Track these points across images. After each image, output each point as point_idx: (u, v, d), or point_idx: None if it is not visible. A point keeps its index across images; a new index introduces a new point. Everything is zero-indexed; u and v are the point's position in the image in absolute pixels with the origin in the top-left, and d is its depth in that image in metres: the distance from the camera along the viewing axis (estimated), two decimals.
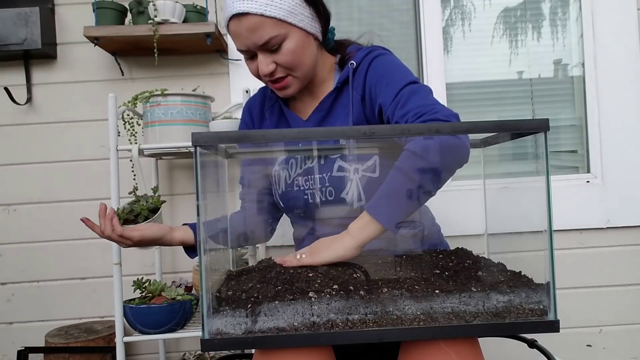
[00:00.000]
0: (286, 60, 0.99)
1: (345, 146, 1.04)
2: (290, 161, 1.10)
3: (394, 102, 0.95)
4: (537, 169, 0.75)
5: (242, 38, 0.97)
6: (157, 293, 1.34)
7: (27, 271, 1.80)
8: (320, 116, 1.08)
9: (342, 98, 1.07)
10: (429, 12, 1.83)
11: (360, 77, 1.04)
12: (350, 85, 1.05)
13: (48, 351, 1.60)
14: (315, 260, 0.84)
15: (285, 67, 1.00)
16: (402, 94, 0.95)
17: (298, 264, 0.84)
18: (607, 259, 1.80)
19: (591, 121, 1.81)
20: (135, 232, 1.10)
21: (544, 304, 0.73)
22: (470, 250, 0.98)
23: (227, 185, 1.10)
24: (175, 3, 1.58)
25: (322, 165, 1.05)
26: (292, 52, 0.99)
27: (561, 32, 1.90)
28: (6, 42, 1.67)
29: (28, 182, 1.79)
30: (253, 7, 0.94)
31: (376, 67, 1.03)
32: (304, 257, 0.85)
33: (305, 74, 1.04)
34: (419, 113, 0.90)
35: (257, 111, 1.20)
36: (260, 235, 1.30)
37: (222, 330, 0.70)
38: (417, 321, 0.71)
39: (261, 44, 0.96)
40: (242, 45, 0.99)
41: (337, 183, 1.02)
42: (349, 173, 1.02)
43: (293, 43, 0.98)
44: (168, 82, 1.76)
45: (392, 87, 0.97)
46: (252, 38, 0.96)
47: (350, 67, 1.05)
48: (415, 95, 0.94)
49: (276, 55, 0.99)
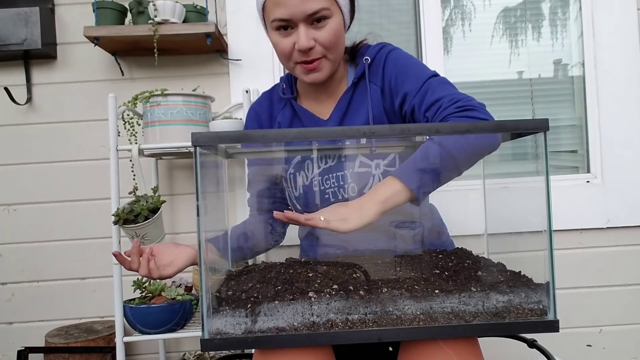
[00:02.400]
0: (327, 38, 0.97)
1: (367, 146, 1.04)
2: (306, 162, 1.09)
3: (422, 90, 0.97)
4: (537, 169, 0.75)
5: (290, 5, 0.93)
6: (157, 293, 1.34)
7: (27, 271, 1.80)
8: (340, 114, 1.08)
9: (359, 94, 1.07)
10: (429, 12, 1.83)
11: (378, 70, 1.05)
12: (367, 80, 1.05)
13: (48, 351, 1.60)
14: (344, 227, 0.78)
15: (324, 45, 0.98)
16: (429, 83, 0.97)
17: (325, 226, 0.77)
18: (607, 259, 1.80)
19: (591, 121, 1.81)
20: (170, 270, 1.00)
21: (543, 304, 0.73)
22: (470, 250, 0.98)
23: (227, 185, 1.10)
24: (175, 3, 1.58)
25: (343, 162, 1.05)
26: (335, 32, 0.98)
27: (561, 32, 1.90)
28: (6, 42, 1.67)
29: (28, 182, 1.79)
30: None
31: (395, 60, 1.04)
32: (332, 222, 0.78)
33: (337, 58, 1.03)
34: (454, 99, 0.91)
35: (265, 114, 1.17)
36: (270, 243, 1.28)
37: (222, 330, 0.70)
38: (417, 321, 0.71)
39: (310, 12, 0.94)
40: (287, 13, 0.94)
41: (359, 179, 1.03)
42: (370, 169, 1.02)
43: (336, 23, 0.98)
44: (168, 82, 1.76)
45: (418, 77, 0.99)
46: (303, 6, 0.93)
47: (365, 62, 1.06)
48: (443, 85, 0.97)
49: (318, 31, 0.97)
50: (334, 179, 1.05)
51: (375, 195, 0.82)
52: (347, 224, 0.78)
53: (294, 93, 1.14)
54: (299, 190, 1.10)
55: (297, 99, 1.15)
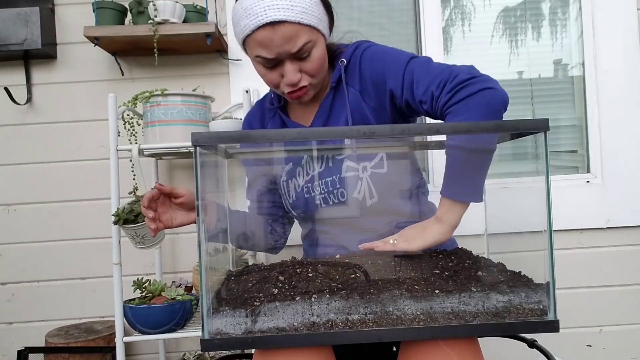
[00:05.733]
0: (313, 67, 0.98)
1: (349, 146, 1.04)
2: (297, 170, 1.10)
3: (406, 84, 0.95)
4: (537, 169, 0.75)
5: (274, 46, 0.93)
6: (157, 293, 1.34)
7: (27, 271, 1.80)
8: (322, 120, 1.08)
9: (339, 99, 1.06)
10: (429, 12, 1.83)
11: (354, 72, 1.04)
12: (344, 83, 1.04)
13: (48, 351, 1.60)
14: (411, 246, 0.87)
15: (310, 74, 0.99)
16: (410, 73, 0.95)
17: (392, 249, 0.87)
18: (607, 259, 1.80)
19: (591, 121, 1.81)
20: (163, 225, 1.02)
21: (543, 304, 0.73)
22: (470, 250, 0.98)
23: (227, 185, 1.10)
24: (175, 3, 1.58)
25: (330, 167, 1.04)
26: (320, 59, 0.98)
27: (561, 32, 1.90)
28: (6, 42, 1.67)
29: (28, 182, 1.79)
30: (290, 16, 0.91)
31: (370, 58, 1.02)
32: (398, 243, 0.88)
33: (321, 80, 1.04)
34: (440, 84, 0.89)
35: (258, 123, 1.19)
36: (270, 243, 1.28)
37: (222, 330, 0.70)
38: (417, 321, 0.71)
39: (295, 51, 0.94)
40: (272, 53, 0.94)
41: (348, 183, 1.02)
42: (358, 172, 1.02)
43: (320, 50, 0.98)
44: (168, 82, 1.76)
45: (395, 70, 0.97)
46: (286, 46, 0.93)
47: (341, 65, 1.04)
48: (421, 68, 0.94)
49: (304, 63, 0.97)
50: (323, 185, 1.05)
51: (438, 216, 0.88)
52: (413, 243, 0.88)
53: (281, 102, 1.14)
54: (292, 197, 1.11)
55: (286, 107, 1.16)
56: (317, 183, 1.06)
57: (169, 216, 1.02)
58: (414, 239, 0.88)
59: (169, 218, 1.02)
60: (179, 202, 1.01)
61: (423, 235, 0.88)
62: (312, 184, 1.07)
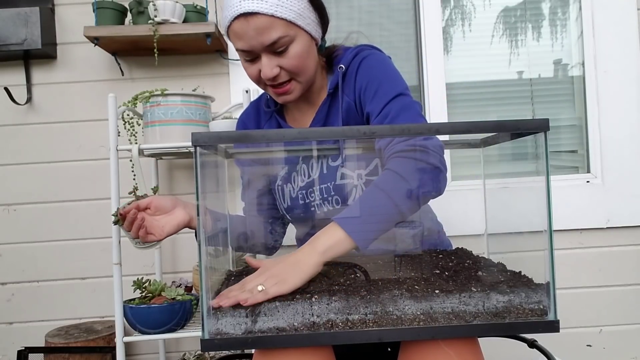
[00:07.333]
0: (292, 64, 0.96)
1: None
2: (292, 174, 1.09)
3: (382, 115, 0.94)
4: (537, 169, 0.75)
5: (248, 38, 0.93)
6: (157, 293, 1.34)
7: (27, 271, 1.80)
8: (318, 126, 1.07)
9: (336, 104, 1.05)
10: (429, 12, 1.83)
11: (351, 80, 1.02)
12: (340, 91, 1.03)
13: (48, 351, 1.60)
14: (282, 289, 0.73)
15: (290, 71, 0.97)
16: (390, 107, 0.94)
17: (263, 298, 0.71)
18: (607, 259, 1.80)
19: (591, 121, 1.81)
20: (154, 237, 0.99)
21: (543, 304, 0.73)
22: (470, 250, 0.98)
23: (227, 185, 1.10)
24: (175, 3, 1.58)
25: (325, 174, 1.04)
26: (299, 56, 0.96)
27: (561, 32, 1.90)
28: (6, 42, 1.67)
29: (28, 182, 1.79)
30: (263, 7, 0.90)
31: (367, 69, 1.01)
32: (269, 289, 0.73)
33: (308, 79, 1.01)
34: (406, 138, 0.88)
35: (252, 126, 1.17)
36: (270, 243, 1.26)
37: (222, 330, 0.70)
38: (417, 321, 0.71)
39: (268, 44, 0.93)
40: (246, 45, 0.94)
41: (342, 191, 1.01)
42: (352, 179, 1.01)
43: (300, 47, 0.96)
44: (168, 82, 1.76)
45: (380, 97, 0.95)
46: (260, 38, 0.92)
47: (340, 71, 1.03)
48: (404, 112, 0.93)
49: (282, 58, 0.95)
50: (317, 192, 1.05)
51: (316, 246, 0.79)
52: (286, 285, 0.74)
53: (277, 105, 1.13)
54: (287, 202, 1.10)
55: (282, 109, 1.15)
56: (312, 190, 1.05)
57: (157, 226, 0.99)
58: (287, 277, 0.75)
59: (157, 227, 0.99)
60: (152, 213, 0.99)
61: (298, 269, 0.76)
62: (307, 190, 1.06)
